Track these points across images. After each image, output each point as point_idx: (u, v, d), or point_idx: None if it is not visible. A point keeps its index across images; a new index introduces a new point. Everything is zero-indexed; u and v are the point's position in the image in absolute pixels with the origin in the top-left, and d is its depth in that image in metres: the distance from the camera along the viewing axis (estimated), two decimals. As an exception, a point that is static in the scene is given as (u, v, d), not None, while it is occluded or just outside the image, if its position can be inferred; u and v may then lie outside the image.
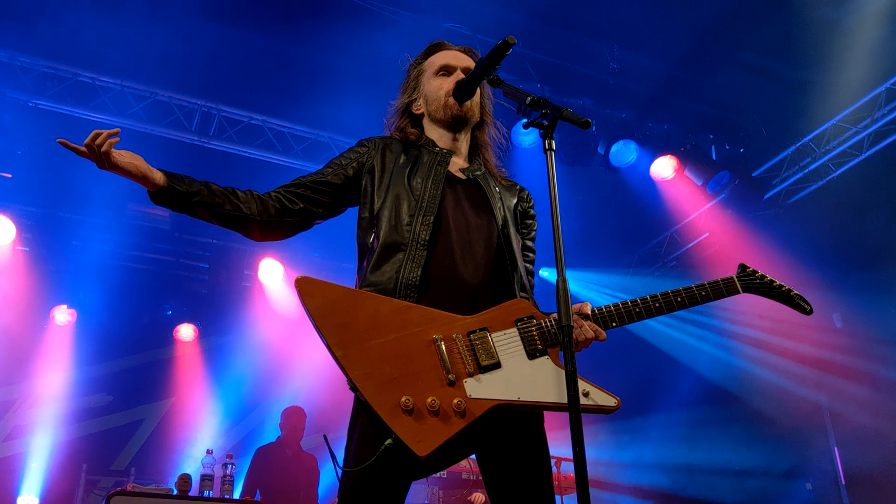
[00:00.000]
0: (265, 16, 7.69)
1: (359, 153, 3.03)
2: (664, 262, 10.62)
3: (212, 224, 2.85)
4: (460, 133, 3.10)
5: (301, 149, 8.80)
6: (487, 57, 2.67)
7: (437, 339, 2.52)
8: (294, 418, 7.84)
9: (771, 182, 9.32)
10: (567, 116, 2.36)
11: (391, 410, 2.38)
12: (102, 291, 9.79)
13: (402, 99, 3.19)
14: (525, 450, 2.66)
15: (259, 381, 10.24)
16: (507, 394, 2.49)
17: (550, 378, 2.53)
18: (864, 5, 7.43)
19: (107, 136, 2.55)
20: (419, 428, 2.38)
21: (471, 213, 2.88)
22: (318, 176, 2.97)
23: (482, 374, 2.50)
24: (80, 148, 2.57)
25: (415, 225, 2.74)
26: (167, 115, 8.29)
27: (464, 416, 2.42)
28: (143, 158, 2.67)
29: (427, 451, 2.35)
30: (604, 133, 8.51)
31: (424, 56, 3.21)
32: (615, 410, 2.55)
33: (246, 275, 10.52)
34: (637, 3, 7.62)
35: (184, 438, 9.98)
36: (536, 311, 2.68)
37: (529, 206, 3.16)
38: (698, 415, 9.65)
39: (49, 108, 7.94)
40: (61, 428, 9.45)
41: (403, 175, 2.89)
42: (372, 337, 2.49)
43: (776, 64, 8.28)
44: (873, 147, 8.46)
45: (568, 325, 2.18)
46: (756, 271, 2.92)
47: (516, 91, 2.55)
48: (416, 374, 2.46)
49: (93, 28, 7.31)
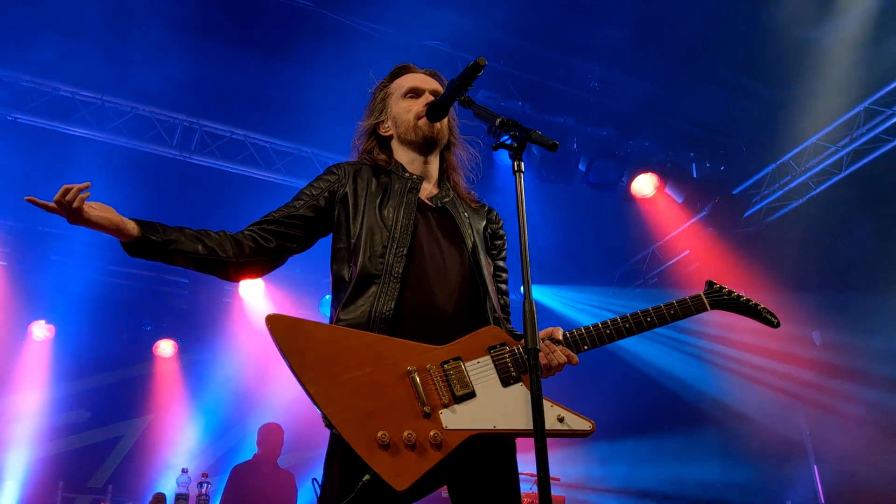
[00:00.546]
0: (247, 31, 7.69)
1: (329, 181, 2.98)
2: (646, 279, 10.65)
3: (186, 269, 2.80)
4: (431, 155, 3.08)
5: (283, 164, 8.77)
6: (459, 78, 2.66)
7: (411, 371, 2.50)
8: (272, 435, 7.77)
9: (751, 200, 9.37)
10: (535, 138, 2.35)
11: (367, 446, 2.37)
12: (81, 306, 9.70)
13: (369, 121, 3.16)
14: (496, 482, 2.64)
15: (239, 398, 10.16)
16: (483, 423, 2.48)
17: (525, 405, 2.50)
18: (842, 26, 7.50)
19: (77, 191, 2.47)
20: (396, 462, 2.36)
21: (443, 240, 2.87)
22: (290, 210, 2.91)
23: (457, 404, 2.49)
24: (50, 204, 2.50)
25: (388, 256, 2.72)
26: (148, 129, 8.24)
27: (440, 448, 2.41)
28: (115, 209, 2.61)
29: (405, 485, 2.33)
30: (585, 150, 8.54)
31: (390, 78, 3.20)
32: (590, 434, 2.55)
33: (226, 291, 10.46)
34: (618, 22, 7.66)
35: (162, 456, 9.87)
36: (508, 337, 2.67)
37: (499, 227, 3.16)
38: (678, 434, 9.64)
39: (28, 122, 7.87)
40: (38, 444, 9.33)
41: (375, 204, 2.87)
42: (345, 372, 2.48)
43: (756, 83, 8.36)
44: (852, 166, 8.52)
45: (534, 348, 2.16)
46: (723, 287, 2.90)
47: (487, 112, 2.54)
48: (391, 408, 2.44)
49: (73, 42, 7.29)
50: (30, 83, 7.78)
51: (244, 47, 7.84)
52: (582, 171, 8.51)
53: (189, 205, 9.07)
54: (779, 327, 2.94)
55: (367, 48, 7.47)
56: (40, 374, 9.60)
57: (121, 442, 10.05)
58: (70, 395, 9.79)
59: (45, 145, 8.09)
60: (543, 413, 2.08)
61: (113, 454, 9.96)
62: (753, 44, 7.75)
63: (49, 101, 7.88)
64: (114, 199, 8.24)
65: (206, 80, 8.03)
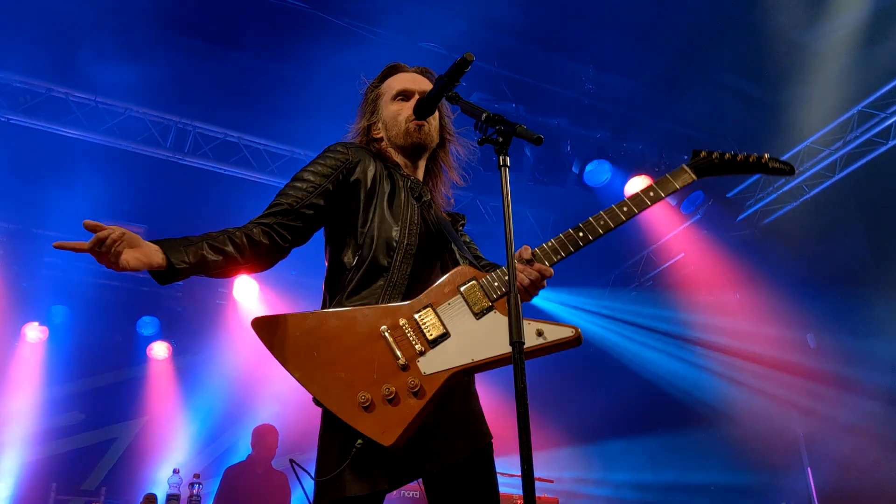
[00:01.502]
0: (241, 32, 7.69)
1: (337, 161, 2.85)
2: (640, 281, 10.65)
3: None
4: (419, 160, 3.08)
5: (277, 166, 8.77)
6: (446, 74, 2.65)
7: (384, 330, 2.54)
8: (267, 437, 7.76)
9: (745, 203, 9.38)
10: (520, 133, 2.35)
11: (352, 411, 2.42)
12: (75, 308, 9.70)
13: (361, 123, 3.14)
14: (477, 485, 2.65)
15: (233, 400, 10.13)
16: (460, 359, 2.49)
17: (500, 330, 2.49)
18: (835, 29, 7.51)
19: (112, 242, 2.35)
20: (380, 419, 2.40)
21: (437, 243, 2.87)
22: (303, 196, 2.76)
23: (433, 348, 2.51)
24: (81, 245, 2.36)
25: (398, 253, 2.72)
26: (142, 131, 8.24)
27: (420, 395, 2.44)
28: (140, 237, 2.45)
29: (392, 439, 2.37)
30: (578, 152, 8.53)
31: (381, 79, 3.18)
32: (577, 340, 2.46)
33: (221, 292, 10.45)
34: (613, 24, 7.68)
35: (156, 458, 9.83)
36: (477, 271, 2.66)
37: (464, 224, 3.20)
38: (672, 437, 9.63)
39: (22, 123, 7.87)
40: (31, 447, 9.29)
41: (386, 197, 2.83)
42: (325, 349, 2.53)
43: (750, 85, 8.37)
44: (846, 169, 8.54)
45: (519, 341, 2.15)
46: (712, 152, 2.77)
47: (473, 107, 2.54)
48: (369, 369, 2.49)
49: (67, 43, 7.28)
50: (23, 84, 7.78)
51: (238, 49, 7.84)
52: (575, 173, 8.50)
53: (182, 207, 9.06)
54: (793, 174, 2.71)
55: (362, 50, 7.48)
56: (34, 376, 9.56)
57: (115, 444, 10.00)
58: (64, 398, 9.75)
59: (38, 146, 8.08)
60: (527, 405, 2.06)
61: (107, 456, 9.91)
62: (748, 46, 7.76)
63: (42, 102, 7.88)
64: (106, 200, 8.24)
65: (200, 81, 8.03)
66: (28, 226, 9.22)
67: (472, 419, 2.72)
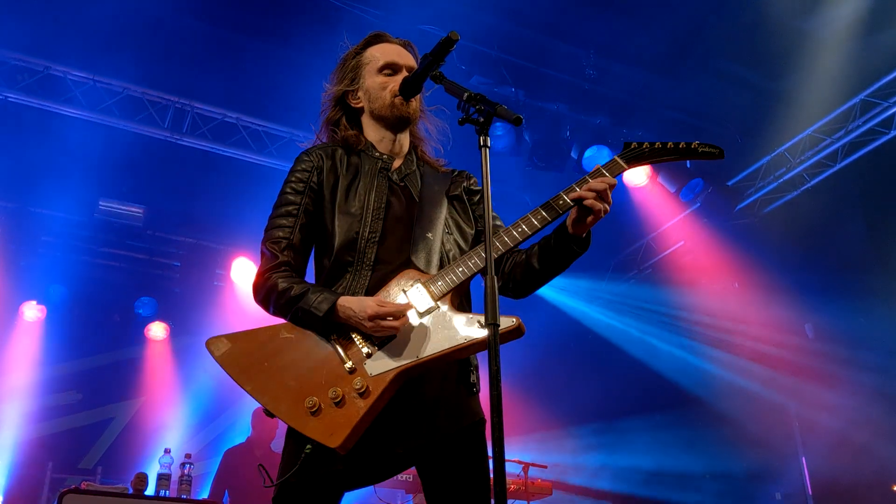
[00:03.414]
0: (240, 13, 7.66)
1: (306, 173, 2.86)
2: (640, 269, 10.63)
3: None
4: (402, 133, 3.02)
5: (275, 147, 8.74)
6: (432, 53, 2.62)
7: (333, 338, 2.55)
8: (267, 419, 7.74)
9: (745, 191, 9.34)
10: (500, 113, 2.32)
11: (301, 419, 2.44)
12: (73, 288, 9.70)
13: (338, 87, 3.07)
14: (463, 463, 2.63)
15: (231, 381, 10.09)
16: (406, 358, 2.49)
17: (446, 325, 2.51)
18: (837, 17, 7.45)
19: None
20: (327, 422, 2.41)
21: (406, 217, 2.82)
22: (298, 223, 2.79)
23: (380, 349, 2.51)
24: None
25: (360, 242, 2.70)
26: (140, 110, 8.21)
27: (365, 395, 2.43)
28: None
29: (339, 441, 2.36)
30: (578, 138, 8.50)
31: (364, 45, 3.12)
32: (518, 331, 2.44)
33: (218, 274, 10.45)
34: (614, 10, 7.63)
35: (153, 438, 9.86)
36: (420, 273, 2.64)
37: (472, 184, 3.07)
38: (667, 426, 9.63)
39: (20, 101, 7.85)
40: (28, 425, 9.32)
41: (346, 190, 2.82)
42: (276, 360, 2.57)
43: (752, 73, 8.32)
44: (847, 158, 8.48)
45: (494, 323, 2.13)
46: (643, 143, 2.74)
47: (456, 87, 2.51)
48: (318, 375, 2.50)
49: (65, 21, 7.25)
50: (21, 62, 7.75)
51: (237, 30, 7.80)
52: (574, 158, 8.46)
53: (180, 187, 9.05)
54: (723, 157, 2.69)
55: (361, 32, 7.41)
56: (31, 355, 9.59)
57: (112, 424, 10.04)
58: (61, 377, 9.78)
59: (35, 125, 8.06)
60: (500, 388, 2.04)
61: (104, 436, 9.95)
62: (749, 33, 7.71)
63: (40, 81, 7.85)
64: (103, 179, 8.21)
65: (198, 61, 7.99)
66: (25, 205, 9.21)
67: (454, 401, 2.69)
